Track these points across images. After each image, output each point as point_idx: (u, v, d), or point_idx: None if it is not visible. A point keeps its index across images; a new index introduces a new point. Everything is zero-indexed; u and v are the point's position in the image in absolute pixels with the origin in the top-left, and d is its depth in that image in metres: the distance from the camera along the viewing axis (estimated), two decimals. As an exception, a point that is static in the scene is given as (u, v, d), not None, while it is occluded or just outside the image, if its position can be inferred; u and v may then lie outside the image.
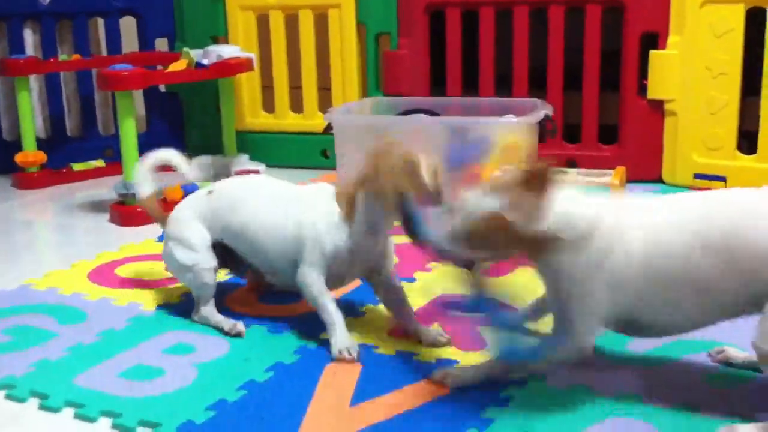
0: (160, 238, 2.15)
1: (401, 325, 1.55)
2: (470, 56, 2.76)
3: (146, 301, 1.75)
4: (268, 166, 2.80)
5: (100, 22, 3.11)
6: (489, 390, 1.32)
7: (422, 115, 2.49)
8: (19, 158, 2.76)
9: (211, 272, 1.62)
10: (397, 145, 1.44)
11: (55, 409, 1.33)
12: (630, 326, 1.29)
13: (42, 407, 1.34)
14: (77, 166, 2.88)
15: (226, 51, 2.68)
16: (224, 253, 1.65)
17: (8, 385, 1.41)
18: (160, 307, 1.72)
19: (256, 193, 1.62)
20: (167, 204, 2.41)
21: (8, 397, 1.38)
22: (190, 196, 1.72)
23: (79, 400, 1.34)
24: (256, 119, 3.01)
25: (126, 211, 2.34)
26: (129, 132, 2.32)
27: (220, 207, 1.63)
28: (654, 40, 2.52)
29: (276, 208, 1.57)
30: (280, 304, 1.71)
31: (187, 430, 1.25)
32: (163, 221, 1.72)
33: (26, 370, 1.45)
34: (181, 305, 1.72)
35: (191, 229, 1.63)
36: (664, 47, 2.49)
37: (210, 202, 1.65)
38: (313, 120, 2.89)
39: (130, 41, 3.12)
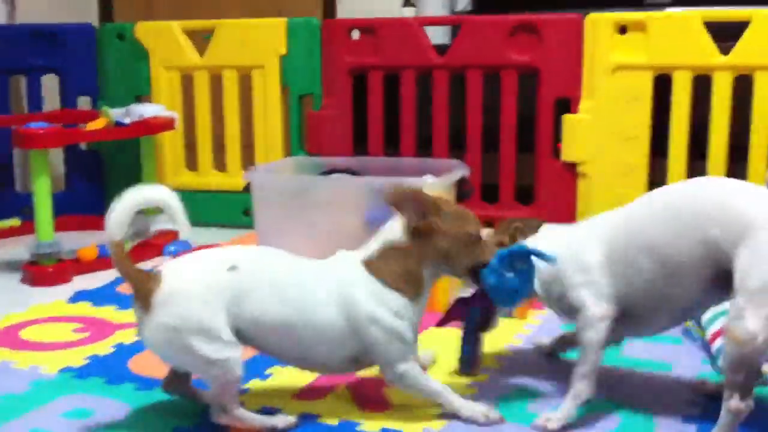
0: (104, 298, 2.13)
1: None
2: (392, 117, 2.81)
3: (49, 364, 1.71)
4: (191, 224, 2.78)
5: (23, 79, 3.09)
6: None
7: (343, 175, 2.51)
8: (-68, 216, 2.70)
9: (241, 365, 1.35)
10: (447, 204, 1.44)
11: (-61, 479, 1.29)
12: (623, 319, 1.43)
13: (-74, 477, 1.30)
14: (-7, 225, 2.82)
15: (149, 110, 2.69)
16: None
17: None
18: (62, 370, 1.68)
19: (297, 279, 1.39)
20: (81, 265, 2.38)
21: None
22: (195, 268, 1.37)
23: (-33, 468, 1.30)
24: (179, 177, 3.00)
25: (38, 272, 2.30)
26: (43, 190, 2.29)
27: (249, 290, 1.35)
28: (567, 104, 2.61)
29: (327, 304, 1.37)
30: (187, 366, 1.68)
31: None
32: (137, 281, 1.34)
33: None
34: (84, 368, 1.68)
35: (212, 311, 1.32)
36: (576, 111, 2.57)
37: (233, 282, 1.35)
38: (236, 178, 2.90)
39: (53, 99, 3.10)
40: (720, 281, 1.30)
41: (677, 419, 1.42)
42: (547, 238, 1.50)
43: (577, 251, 1.45)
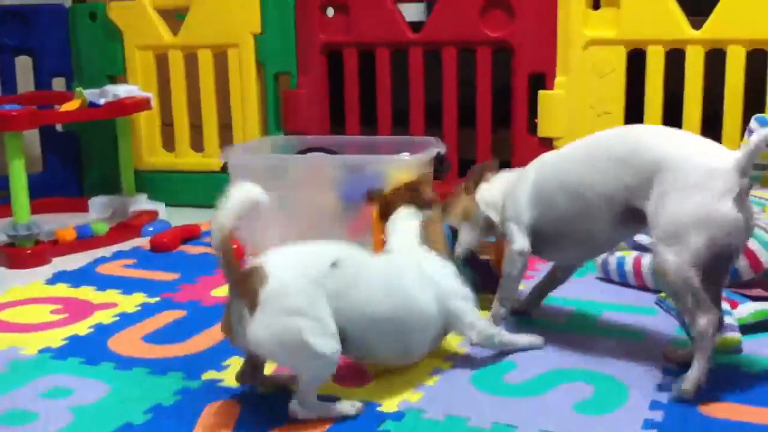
0: (83, 279, 2.12)
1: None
2: (368, 95, 2.82)
3: (28, 345, 1.71)
4: (167, 205, 2.79)
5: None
6: (367, 424, 1.34)
7: (319, 154, 2.52)
8: None
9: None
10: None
11: None
12: (538, 243, 1.65)
13: None
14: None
15: (123, 90, 2.67)
16: None
17: None
18: (41, 350, 1.68)
19: (391, 271, 1.45)
20: (59, 246, 2.38)
21: None
22: (298, 262, 1.35)
23: (-54, 449, 1.31)
24: (156, 158, 2.99)
25: (15, 253, 2.28)
26: (18, 172, 2.28)
27: (353, 285, 1.37)
28: (542, 80, 2.62)
29: (422, 290, 1.46)
30: (164, 345, 1.70)
31: (57, 475, 1.23)
32: (242, 279, 1.31)
33: None
34: (62, 348, 1.69)
35: (323, 307, 1.32)
36: (551, 87, 2.59)
37: (336, 278, 1.36)
38: (213, 159, 2.89)
39: (26, 81, 3.07)
40: (630, 218, 1.48)
41: (650, 387, 1.45)
42: (500, 179, 1.77)
43: (513, 188, 1.68)
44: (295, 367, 1.35)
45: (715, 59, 2.43)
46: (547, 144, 2.61)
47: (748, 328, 1.63)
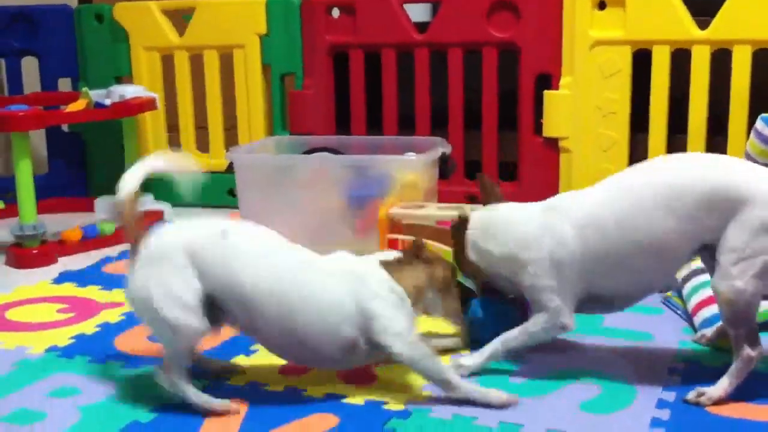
0: (89, 278, 2.14)
1: None
2: (374, 95, 2.82)
3: (35, 344, 1.71)
4: (173, 205, 2.79)
5: (2, 62, 3.06)
6: (373, 422, 1.34)
7: (325, 154, 2.52)
8: None
9: (199, 338, 1.36)
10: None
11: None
12: (595, 302, 1.48)
13: None
14: (-24, 207, 2.81)
15: (129, 91, 2.67)
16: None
17: None
18: (48, 350, 1.68)
19: (299, 256, 1.40)
20: (65, 246, 2.39)
21: None
22: (184, 226, 1.40)
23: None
24: (162, 159, 2.99)
25: (22, 253, 2.29)
26: (25, 173, 2.28)
27: (234, 259, 1.35)
28: (548, 80, 2.62)
29: (334, 278, 1.38)
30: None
31: (64, 473, 1.23)
32: (135, 238, 1.37)
33: None
34: (69, 348, 1.69)
35: (183, 277, 1.33)
36: (557, 87, 2.59)
37: (218, 249, 1.35)
38: (219, 159, 2.89)
39: (32, 82, 3.08)
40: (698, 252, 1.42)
41: (658, 388, 1.44)
42: (512, 222, 1.52)
43: (546, 242, 1.45)
44: (153, 333, 1.41)
45: (720, 59, 2.43)
46: (553, 144, 2.62)
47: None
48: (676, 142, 2.48)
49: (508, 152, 2.73)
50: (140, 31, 2.95)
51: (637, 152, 2.57)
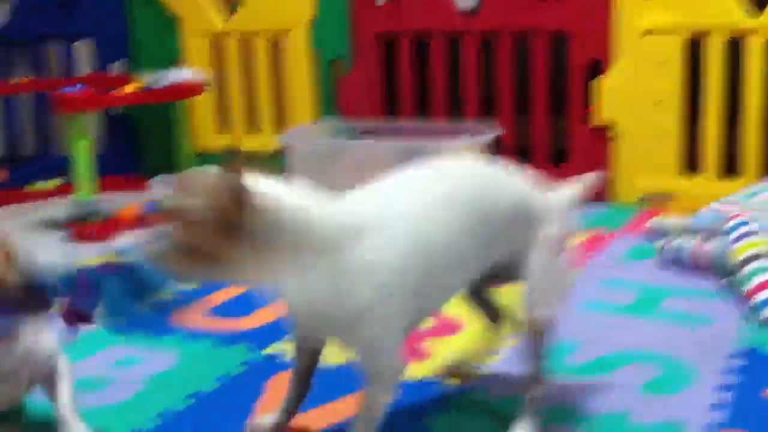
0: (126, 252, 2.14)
1: None
2: (423, 81, 2.82)
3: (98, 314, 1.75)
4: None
5: (56, 45, 3.11)
6: (430, 398, 1.36)
7: (374, 139, 2.54)
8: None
9: None
10: None
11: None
12: None
13: None
14: (35, 186, 2.87)
15: (179, 75, 2.71)
16: None
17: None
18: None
19: None
20: (120, 224, 2.43)
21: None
22: None
23: (31, 410, 1.34)
24: (212, 141, 3.03)
25: (80, 230, 2.34)
26: (82, 152, 2.33)
27: None
28: (598, 67, 2.60)
29: None
30: (227, 318, 1.73)
31: (135, 437, 1.26)
32: None
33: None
34: (131, 320, 1.72)
35: None
36: (607, 75, 2.57)
37: None
38: (267, 142, 2.92)
39: (85, 65, 3.13)
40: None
41: (716, 370, 1.44)
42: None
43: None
44: None
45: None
46: (602, 132, 2.61)
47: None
48: (731, 131, 2.46)
49: (558, 138, 2.73)
50: (191, 15, 2.98)
51: (689, 139, 2.56)
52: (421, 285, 1.12)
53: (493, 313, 1.41)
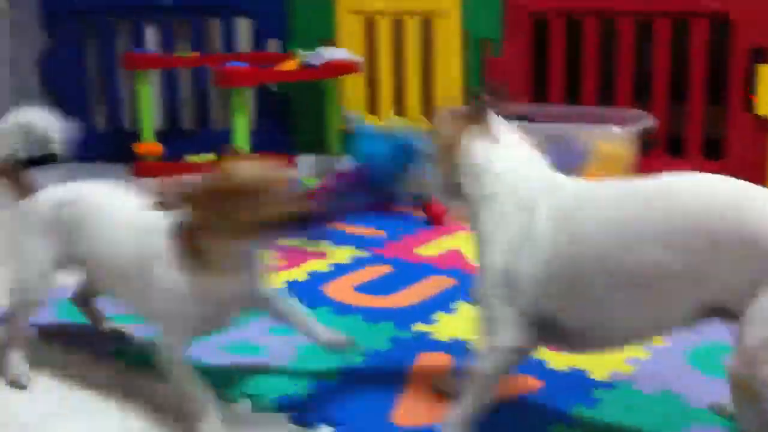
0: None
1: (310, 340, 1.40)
2: (574, 64, 2.78)
3: (252, 285, 1.85)
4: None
5: (217, 22, 3.26)
6: (577, 389, 1.36)
7: (520, 121, 2.52)
8: (138, 148, 2.94)
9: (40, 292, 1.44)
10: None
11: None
12: (553, 333, 1.16)
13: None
14: (191, 158, 3.03)
15: (335, 53, 2.78)
16: None
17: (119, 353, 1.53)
18: (265, 291, 1.81)
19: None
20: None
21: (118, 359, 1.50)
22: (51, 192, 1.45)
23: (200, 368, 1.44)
24: (361, 120, 3.09)
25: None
26: (241, 127, 2.44)
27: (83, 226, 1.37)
28: (762, 54, 2.48)
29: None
30: (374, 295, 1.78)
31: (285, 402, 1.33)
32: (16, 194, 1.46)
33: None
34: (284, 291, 1.79)
35: (39, 240, 1.40)
36: (773, 62, 2.44)
37: (70, 215, 1.39)
38: (414, 122, 2.96)
39: (243, 41, 3.26)
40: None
41: None
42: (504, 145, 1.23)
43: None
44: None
45: None
46: (764, 123, 2.48)
47: None
48: None
49: (714, 128, 2.62)
50: (348, -5, 3.05)
51: None
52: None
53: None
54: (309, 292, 1.80)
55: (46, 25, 3.17)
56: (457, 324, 1.63)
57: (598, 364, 1.43)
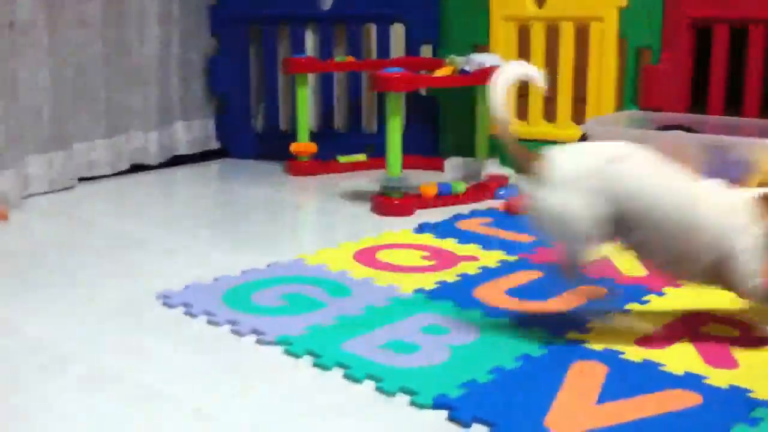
0: (445, 231, 2.32)
1: None
2: (735, 75, 2.67)
3: (403, 284, 1.90)
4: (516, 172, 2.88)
5: (372, 27, 3.35)
6: (737, 407, 1.32)
7: (680, 132, 2.46)
8: (293, 147, 3.07)
9: (595, 249, 1.55)
10: None
11: (326, 367, 1.50)
12: None
13: (315, 364, 1.52)
14: (342, 159, 3.13)
15: (488, 59, 2.80)
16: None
17: (286, 342, 1.60)
18: (416, 290, 1.86)
19: (681, 183, 1.52)
20: (422, 200, 2.59)
21: (285, 352, 1.57)
22: (584, 150, 1.57)
23: (347, 362, 1.50)
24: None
25: (386, 202, 2.53)
26: (395, 130, 2.51)
27: (633, 180, 1.50)
28: None
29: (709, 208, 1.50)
30: (526, 300, 1.79)
31: (442, 402, 1.36)
32: (525, 164, 1.58)
33: (301, 332, 1.64)
34: (434, 291, 1.85)
35: (590, 198, 1.49)
36: None
37: (619, 172, 1.50)
38: (565, 130, 2.94)
39: (395, 46, 3.34)
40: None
41: None
42: None
43: None
44: (558, 243, 1.57)
45: None
46: None
47: None
48: None
49: None
50: (501, 1, 3.06)
51: None
52: None
53: None
54: (459, 293, 1.84)
55: (214, 31, 3.37)
56: (611, 333, 1.61)
57: (760, 384, 1.39)
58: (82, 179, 2.96)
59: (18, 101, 2.66)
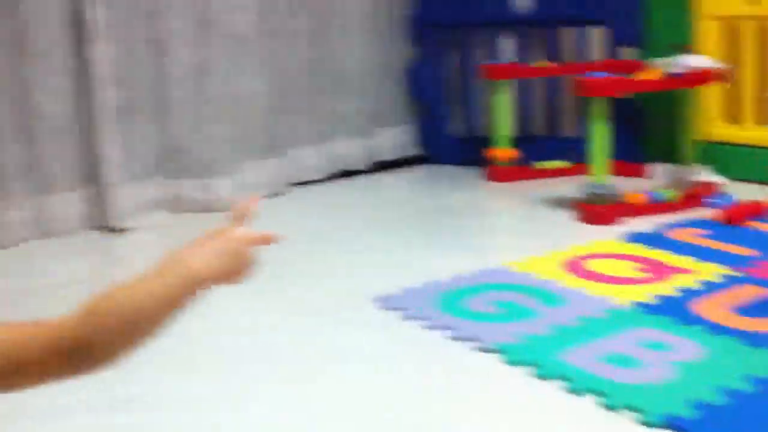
0: (656, 242, 2.25)
1: None
2: None
3: (619, 296, 1.87)
4: (731, 179, 2.74)
5: (571, 31, 3.29)
6: None
7: None
8: (492, 153, 3.08)
9: None
10: None
11: (544, 378, 1.51)
12: None
13: (533, 375, 1.53)
14: (542, 164, 3.11)
15: (696, 61, 2.68)
16: None
17: (503, 350, 1.62)
18: (633, 303, 1.82)
19: None
20: (628, 208, 2.52)
21: (503, 360, 1.60)
22: None
23: (567, 374, 1.50)
24: (718, 129, 2.96)
25: (594, 210, 2.48)
26: (600, 136, 2.47)
27: None
28: None
29: None
30: (753, 318, 1.71)
31: (672, 422, 1.33)
32: None
33: (517, 340, 1.66)
34: (653, 305, 1.80)
35: None
36: None
37: None
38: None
39: (595, 49, 3.26)
40: None
41: None
42: None
43: None
44: None
45: None
46: None
47: None
48: None
49: None
50: (710, 0, 2.93)
51: None
52: None
53: None
54: (679, 308, 1.78)
55: (413, 37, 3.44)
56: None
57: None
58: (292, 184, 3.11)
59: (239, 109, 2.84)
